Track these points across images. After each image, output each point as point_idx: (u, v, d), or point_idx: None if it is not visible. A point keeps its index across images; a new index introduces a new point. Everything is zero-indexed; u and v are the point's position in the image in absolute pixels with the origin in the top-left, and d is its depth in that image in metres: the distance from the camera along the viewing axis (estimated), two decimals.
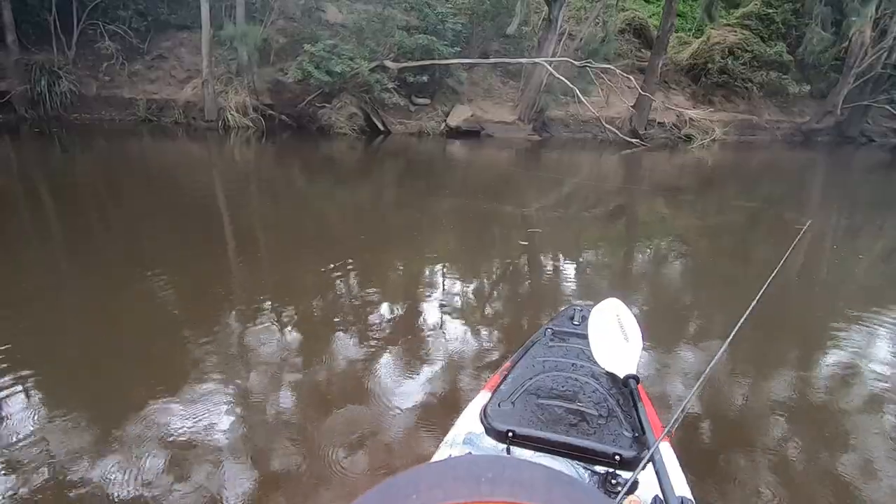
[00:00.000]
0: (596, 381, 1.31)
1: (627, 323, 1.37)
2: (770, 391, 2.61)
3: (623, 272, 4.51)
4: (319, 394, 2.40)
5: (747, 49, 13.62)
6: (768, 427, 2.32)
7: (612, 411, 1.22)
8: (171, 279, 3.62)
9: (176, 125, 10.51)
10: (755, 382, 2.69)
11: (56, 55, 10.05)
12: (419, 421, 2.20)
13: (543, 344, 1.54)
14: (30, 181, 6.51)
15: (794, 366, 2.91)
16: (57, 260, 3.97)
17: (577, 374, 1.34)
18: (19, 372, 2.40)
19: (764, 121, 14.24)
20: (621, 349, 1.30)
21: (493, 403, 1.26)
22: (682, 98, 13.92)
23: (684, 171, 10.26)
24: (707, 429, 2.29)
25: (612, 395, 1.27)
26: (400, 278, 3.91)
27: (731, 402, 2.51)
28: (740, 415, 2.42)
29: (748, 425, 2.34)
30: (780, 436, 2.26)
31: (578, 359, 1.41)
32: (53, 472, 1.83)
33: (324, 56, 10.04)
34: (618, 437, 1.15)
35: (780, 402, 2.50)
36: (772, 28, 13.86)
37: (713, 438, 2.23)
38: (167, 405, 2.20)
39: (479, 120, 11.91)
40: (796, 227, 5.47)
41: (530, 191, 7.70)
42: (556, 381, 1.32)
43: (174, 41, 11.27)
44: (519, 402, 1.25)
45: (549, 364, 1.40)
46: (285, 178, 7.63)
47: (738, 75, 13.69)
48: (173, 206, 5.62)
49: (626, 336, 1.33)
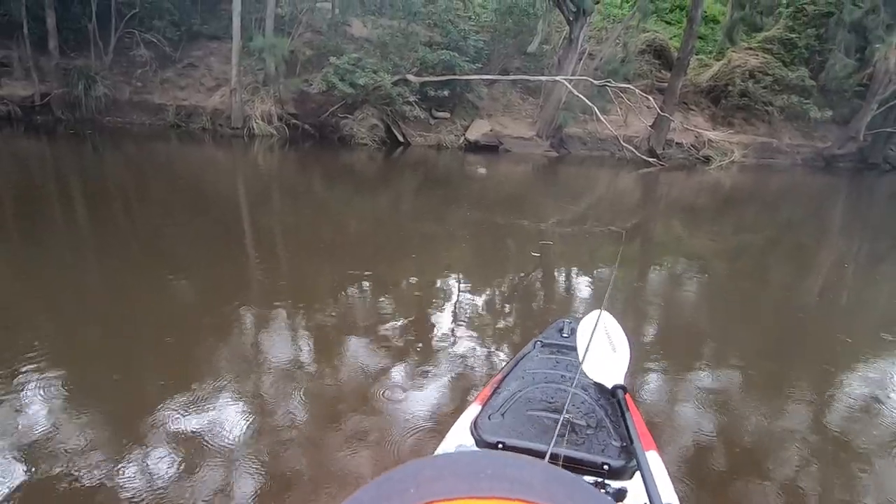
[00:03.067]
0: (585, 392, 1.32)
1: (615, 334, 1.40)
2: (783, 416, 2.63)
3: (631, 288, 4.55)
4: (328, 396, 2.49)
5: (768, 73, 13.59)
6: (779, 455, 2.34)
7: (600, 421, 1.23)
8: (193, 277, 3.77)
9: (203, 131, 10.85)
10: (768, 406, 2.70)
11: (93, 61, 10.50)
12: (423, 426, 2.27)
13: (533, 356, 1.55)
14: (64, 180, 6.79)
15: (808, 391, 2.92)
16: (84, 255, 4.16)
17: (566, 385, 1.35)
18: (45, 360, 2.55)
19: (784, 144, 14.14)
20: (609, 360, 1.33)
21: (484, 416, 1.27)
22: (702, 119, 13.92)
23: (701, 192, 10.24)
24: (716, 455, 2.32)
25: (600, 405, 1.28)
26: (413, 287, 4.01)
27: (743, 427, 2.54)
28: (751, 441, 2.45)
29: (759, 452, 2.36)
30: (791, 466, 2.27)
31: (568, 370, 1.42)
32: (69, 459, 1.94)
33: (348, 68, 10.32)
34: (606, 447, 1.16)
35: (793, 429, 2.52)
36: (794, 53, 13.83)
37: (721, 464, 2.26)
38: (181, 398, 2.32)
39: (498, 135, 12.07)
40: (611, 228, 5.44)
41: (546, 206, 7.78)
42: (546, 392, 1.33)
43: (205, 50, 11.69)
44: (509, 414, 1.26)
45: (539, 376, 1.40)
46: (306, 186, 7.83)
47: (759, 98, 13.65)
48: (197, 208, 5.82)
49: (614, 347, 1.36)
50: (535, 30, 12.57)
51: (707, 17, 14.76)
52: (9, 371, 2.40)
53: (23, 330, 2.84)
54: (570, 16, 11.52)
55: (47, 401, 2.24)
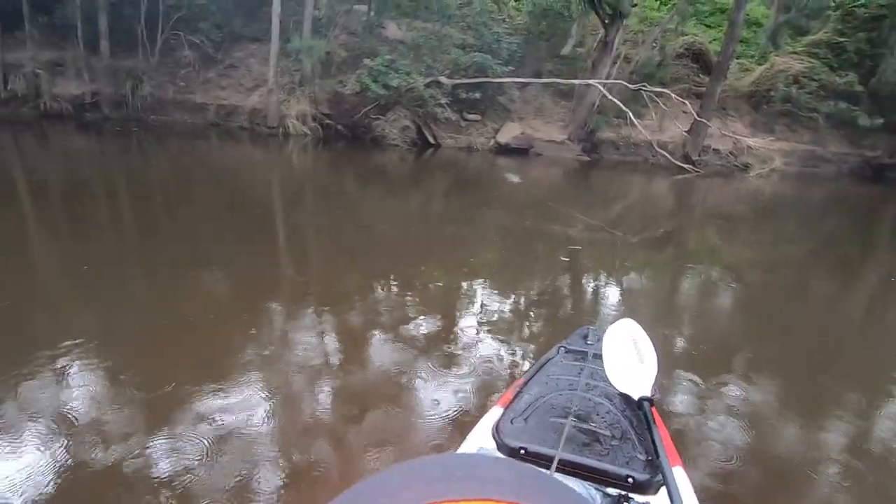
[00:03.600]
0: (609, 402, 1.29)
1: (643, 344, 1.36)
2: (819, 439, 2.53)
3: (661, 298, 4.46)
4: (352, 391, 2.53)
5: (814, 78, 13.06)
6: (812, 480, 2.25)
7: (625, 433, 1.20)
8: (227, 270, 3.90)
9: (241, 130, 11.19)
10: (803, 427, 2.61)
11: (141, 61, 10.97)
12: (445, 424, 2.28)
13: (557, 362, 1.52)
14: (110, 175, 7.12)
15: (849, 412, 2.80)
16: (127, 247, 4.35)
17: (590, 393, 1.32)
18: (87, 345, 2.68)
19: (829, 152, 13.56)
20: (636, 371, 1.30)
21: (506, 420, 1.25)
22: (741, 125, 13.48)
23: (739, 200, 9.93)
24: (745, 475, 2.25)
25: (625, 416, 1.25)
26: (441, 289, 4.03)
27: (775, 447, 2.46)
28: (782, 463, 2.37)
29: (791, 475, 2.28)
30: (825, 493, 2.19)
31: (592, 378, 1.39)
32: (103, 436, 2.04)
33: (382, 70, 10.46)
34: (631, 459, 1.14)
35: (831, 451, 2.42)
36: (843, 57, 13.25)
37: (750, 486, 2.20)
38: (211, 387, 2.40)
39: (529, 138, 11.99)
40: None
41: (578, 211, 7.69)
42: (570, 399, 1.30)
43: (245, 52, 12.05)
44: (532, 420, 1.24)
45: (563, 382, 1.38)
46: (338, 186, 7.97)
47: (803, 104, 13.13)
48: (234, 204, 6.00)
49: (642, 358, 1.33)
50: (569, 32, 12.46)
51: (749, 20, 14.30)
52: (55, 353, 2.54)
53: (70, 316, 3.00)
54: (605, 18, 11.37)
55: (87, 382, 2.36)
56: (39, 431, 2.03)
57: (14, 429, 2.03)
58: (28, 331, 2.78)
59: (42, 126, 9.88)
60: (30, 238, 4.36)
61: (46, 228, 4.66)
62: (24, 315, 2.96)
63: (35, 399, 2.22)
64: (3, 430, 2.02)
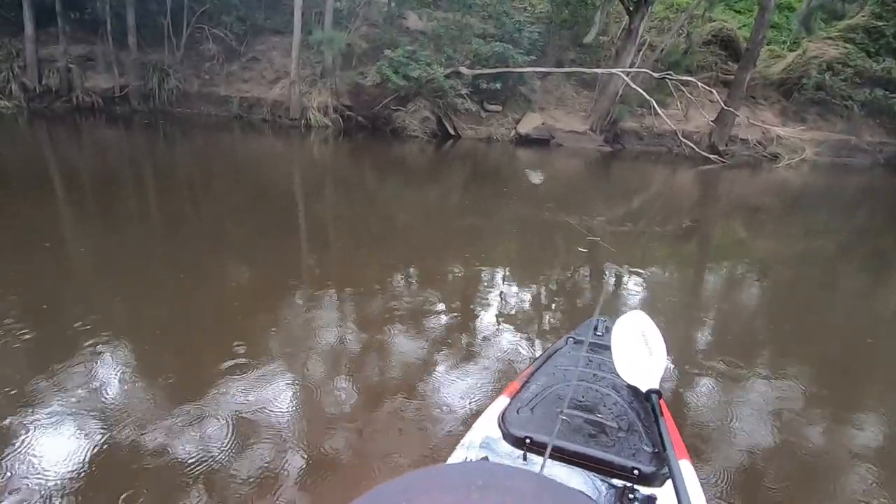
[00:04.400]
0: (617, 394, 1.29)
1: (652, 337, 1.35)
2: (842, 437, 2.49)
3: (682, 291, 4.39)
4: (369, 379, 2.58)
5: (849, 64, 12.57)
6: (828, 482, 2.22)
7: (632, 425, 1.20)
8: (249, 259, 3.99)
9: (263, 122, 11.34)
10: (827, 425, 2.56)
11: (166, 55, 11.19)
12: (459, 413, 2.31)
13: (565, 352, 1.51)
14: (138, 166, 7.32)
15: (874, 411, 2.74)
16: (153, 235, 4.49)
17: (598, 384, 1.32)
18: (111, 331, 2.79)
19: (864, 142, 13.06)
20: (644, 363, 1.28)
21: (512, 409, 1.25)
22: (770, 114, 13.08)
23: (767, 191, 9.66)
24: (757, 474, 2.23)
25: (633, 408, 1.24)
26: (458, 278, 4.06)
27: (804, 445, 2.42)
28: (802, 459, 2.33)
29: (808, 477, 2.25)
30: (846, 490, 2.16)
31: (600, 370, 1.39)
32: (127, 418, 2.13)
33: (402, 61, 10.45)
34: (637, 451, 1.13)
35: (851, 452, 2.38)
36: (881, 42, 12.70)
37: (761, 484, 2.18)
38: (229, 370, 2.48)
39: (550, 128, 11.86)
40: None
41: (598, 202, 7.60)
42: (577, 390, 1.29)
43: (268, 44, 12.17)
44: (538, 410, 1.24)
45: (570, 373, 1.37)
46: (359, 177, 8.04)
47: (837, 92, 12.66)
48: (257, 195, 6.12)
49: (651, 350, 1.31)
50: (592, 20, 12.22)
51: (781, 5, 13.81)
52: (85, 339, 2.66)
53: (101, 302, 3.12)
54: (630, 5, 11.11)
55: (114, 366, 2.46)
56: (72, 413, 2.13)
57: (48, 410, 2.14)
58: (60, 317, 2.91)
59: (75, 119, 10.20)
60: (63, 227, 4.53)
61: (78, 218, 4.84)
62: (57, 302, 3.09)
63: (67, 383, 2.33)
64: (39, 408, 2.13)
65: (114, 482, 1.80)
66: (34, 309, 2.95)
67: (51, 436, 1.99)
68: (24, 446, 1.92)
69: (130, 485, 1.79)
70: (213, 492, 1.79)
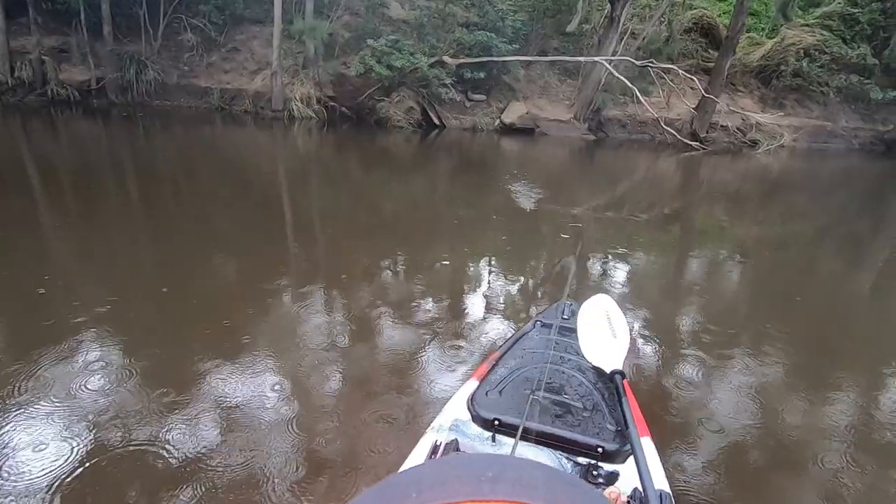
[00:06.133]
0: (582, 375, 1.32)
1: (616, 319, 1.39)
2: (812, 416, 2.60)
3: (662, 275, 4.50)
4: (358, 369, 2.63)
5: (826, 51, 12.80)
6: (792, 451, 2.33)
7: (597, 405, 1.24)
8: (234, 253, 3.99)
9: (245, 114, 11.19)
10: (799, 402, 2.68)
11: (144, 46, 10.95)
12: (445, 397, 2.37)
13: (532, 336, 1.55)
14: (117, 160, 7.20)
15: (845, 391, 2.86)
16: (134, 230, 4.45)
17: (564, 367, 1.36)
18: (93, 326, 2.79)
19: (840, 128, 13.36)
20: (609, 345, 1.33)
21: (481, 392, 1.28)
22: (750, 101, 13.29)
23: (747, 177, 9.85)
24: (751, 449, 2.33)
25: (597, 389, 1.28)
26: (443, 267, 4.10)
27: (778, 420, 2.53)
28: (775, 434, 2.44)
29: (780, 449, 2.36)
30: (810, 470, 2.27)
31: (566, 352, 1.43)
32: (114, 413, 2.15)
33: (385, 51, 10.37)
34: (601, 430, 1.18)
35: (821, 430, 2.49)
36: (856, 29, 12.95)
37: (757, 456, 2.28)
38: (216, 365, 2.50)
39: (535, 118, 11.91)
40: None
41: (581, 191, 7.69)
42: (544, 372, 1.33)
43: (248, 34, 11.97)
44: (506, 392, 1.28)
45: (538, 356, 1.41)
46: (343, 168, 8.01)
47: (815, 79, 12.90)
48: (240, 188, 6.08)
49: (615, 332, 1.36)
50: (574, 8, 12.24)
51: None
52: (68, 333, 2.66)
53: (83, 296, 3.11)
54: None
55: (101, 360, 2.47)
56: (56, 406, 2.14)
57: (32, 404, 2.14)
58: (44, 311, 2.89)
59: (50, 113, 9.95)
60: (41, 222, 4.47)
61: (57, 213, 4.76)
62: (40, 295, 3.07)
63: (51, 376, 2.33)
64: (25, 402, 2.14)
65: (91, 477, 1.81)
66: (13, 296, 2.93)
67: (32, 428, 2.00)
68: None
69: (110, 479, 1.82)
70: (194, 483, 1.81)
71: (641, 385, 2.56)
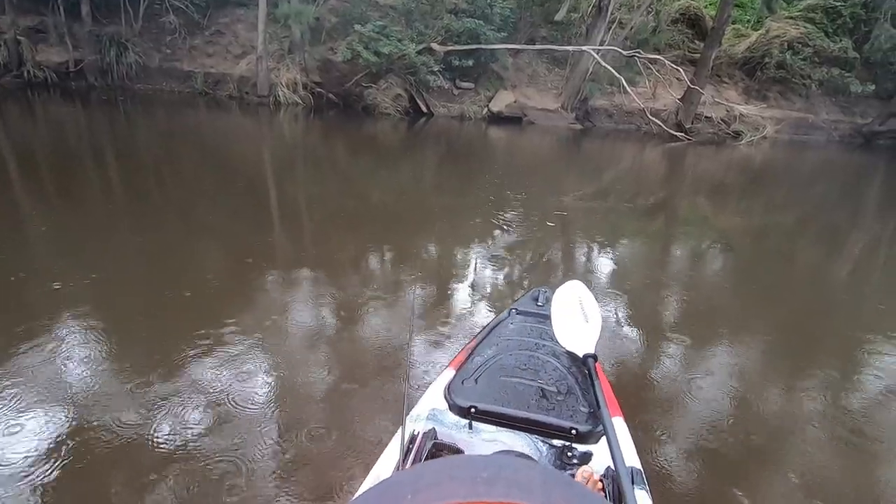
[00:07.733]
0: (556, 360, 1.36)
1: (588, 304, 1.43)
2: (789, 398, 2.70)
3: (645, 263, 4.59)
4: (343, 356, 2.66)
5: (809, 43, 12.96)
6: (763, 433, 2.42)
7: (570, 388, 1.27)
8: (219, 240, 3.96)
9: (230, 99, 11.00)
10: (780, 387, 2.77)
11: (124, 28, 10.66)
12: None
13: (508, 324, 1.59)
14: (97, 145, 7.06)
15: (821, 375, 2.97)
16: (116, 216, 4.39)
17: (539, 353, 1.39)
18: (78, 312, 2.77)
19: (821, 120, 13.60)
20: (581, 329, 1.36)
21: (457, 381, 1.31)
22: (734, 92, 13.44)
23: (730, 168, 10.01)
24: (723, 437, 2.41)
25: (571, 373, 1.32)
26: (430, 255, 4.13)
27: (755, 403, 2.62)
28: (751, 416, 2.53)
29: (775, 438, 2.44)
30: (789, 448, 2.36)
31: (541, 338, 1.46)
32: (99, 400, 2.15)
33: (373, 37, 10.25)
34: (575, 412, 1.21)
35: (795, 412, 2.59)
36: (838, 22, 13.12)
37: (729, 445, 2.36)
38: (207, 352, 2.51)
39: (522, 106, 11.91)
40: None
41: (568, 180, 7.75)
42: (519, 359, 1.36)
43: (232, 17, 11.72)
44: (482, 380, 1.30)
45: (513, 343, 1.44)
46: (330, 156, 7.95)
47: (797, 71, 13.08)
48: (224, 175, 6.01)
49: (587, 317, 1.39)
50: None
51: None
52: (51, 322, 2.64)
53: (63, 284, 3.08)
54: None
55: (84, 351, 2.46)
56: (36, 401, 2.13)
57: (16, 396, 2.13)
58: (23, 300, 2.86)
59: (27, 95, 9.68)
60: (20, 209, 4.38)
61: (35, 199, 4.67)
62: (19, 284, 3.03)
63: (32, 368, 2.31)
64: (11, 395, 2.13)
65: (75, 463, 1.82)
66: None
67: (16, 416, 2.00)
68: None
69: (97, 466, 1.83)
70: (180, 472, 1.82)
71: (616, 368, 2.63)
